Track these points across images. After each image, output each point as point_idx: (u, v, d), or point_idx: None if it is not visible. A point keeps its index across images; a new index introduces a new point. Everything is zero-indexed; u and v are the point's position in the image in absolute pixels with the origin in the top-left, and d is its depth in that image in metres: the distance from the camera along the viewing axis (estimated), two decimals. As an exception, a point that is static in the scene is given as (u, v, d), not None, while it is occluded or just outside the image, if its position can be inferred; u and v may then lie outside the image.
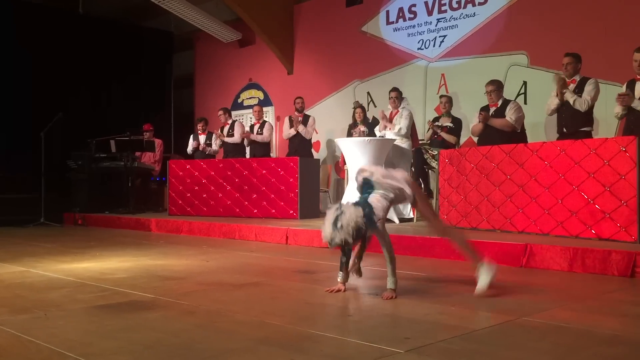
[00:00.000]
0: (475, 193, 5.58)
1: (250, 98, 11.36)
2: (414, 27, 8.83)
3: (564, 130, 5.76)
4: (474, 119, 6.62)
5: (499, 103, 6.40)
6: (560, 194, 4.84)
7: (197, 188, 8.18)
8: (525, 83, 7.54)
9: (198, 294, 3.33)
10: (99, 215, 8.89)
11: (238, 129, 9.17)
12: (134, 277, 3.93)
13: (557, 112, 5.89)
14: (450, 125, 7.17)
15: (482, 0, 8.03)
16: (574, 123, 5.71)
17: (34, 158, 8.78)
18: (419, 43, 8.74)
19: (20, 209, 8.73)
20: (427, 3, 8.68)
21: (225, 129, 9.25)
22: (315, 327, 2.54)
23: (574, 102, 5.62)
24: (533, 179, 5.06)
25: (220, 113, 9.36)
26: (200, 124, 9.66)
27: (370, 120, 8.23)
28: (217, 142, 9.35)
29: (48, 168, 8.71)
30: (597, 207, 4.59)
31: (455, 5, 8.33)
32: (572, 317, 2.76)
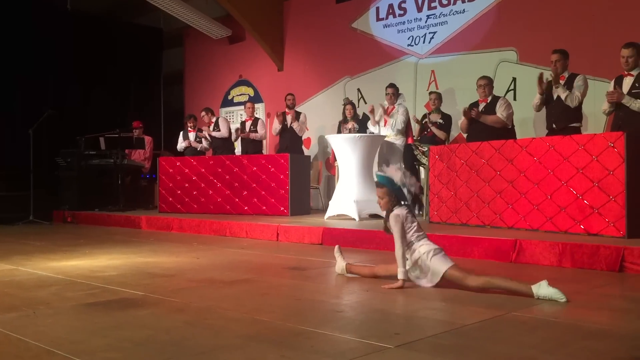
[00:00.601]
0: (465, 189, 5.60)
1: (241, 95, 11.33)
2: (404, 23, 8.83)
3: (554, 126, 5.79)
4: (460, 116, 6.64)
5: (489, 99, 6.42)
6: (550, 190, 4.87)
7: (187, 185, 8.16)
8: (515, 79, 7.57)
9: (188, 291, 3.33)
10: (89, 213, 8.85)
11: (223, 124, 9.17)
12: (124, 274, 3.92)
13: (545, 107, 5.92)
14: (440, 122, 7.19)
15: (471, -3, 8.05)
16: (564, 119, 5.74)
17: (24, 155, 8.70)
18: (409, 39, 8.75)
19: (9, 207, 8.68)
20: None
21: (211, 128, 9.25)
22: (306, 323, 2.55)
23: (566, 97, 5.64)
24: (522, 175, 5.09)
25: (204, 114, 9.34)
26: (190, 121, 9.63)
27: (361, 117, 8.24)
28: (206, 141, 9.32)
29: (37, 165, 8.66)
30: (585, 202, 4.62)
31: (445, 2, 8.34)
32: (560, 311, 2.78)
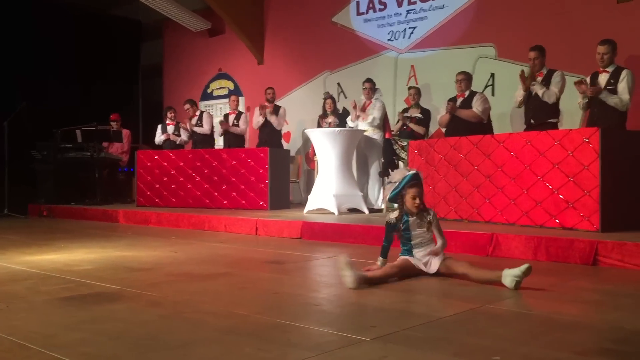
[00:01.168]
0: (444, 183, 5.64)
1: (220, 88, 11.26)
2: (384, 18, 8.85)
3: (532, 122, 5.85)
4: (442, 110, 6.68)
5: (466, 94, 6.47)
6: (526, 185, 4.92)
7: (165, 179, 8.10)
8: (493, 75, 7.63)
9: (165, 285, 3.31)
10: (65, 207, 8.74)
11: (207, 120, 9.06)
12: (100, 268, 3.88)
13: (525, 104, 5.98)
14: (419, 117, 7.23)
15: (451, -8, 8.08)
16: (541, 115, 5.80)
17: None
18: (389, 34, 8.76)
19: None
20: (397, -6, 8.70)
21: (194, 120, 9.11)
22: (283, 316, 2.55)
23: (543, 94, 5.71)
24: (500, 170, 5.14)
25: (188, 106, 9.15)
26: (170, 113, 9.51)
27: (341, 111, 8.23)
28: (185, 133, 9.20)
29: (12, 158, 8.53)
30: (561, 197, 4.68)
31: (425, -3, 8.36)
32: (534, 304, 2.82)
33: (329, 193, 6.62)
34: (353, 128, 7.45)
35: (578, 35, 6.73)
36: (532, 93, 5.85)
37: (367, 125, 7.48)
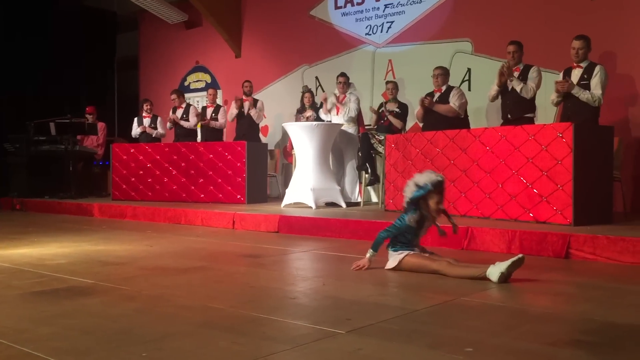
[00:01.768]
0: (420, 177, 5.66)
1: (197, 81, 11.16)
2: (362, 12, 8.84)
3: (509, 117, 5.90)
4: (419, 105, 6.71)
5: (443, 89, 6.51)
6: (501, 179, 4.98)
7: (141, 172, 8.01)
8: (470, 70, 7.68)
9: (140, 279, 3.28)
10: (39, 200, 8.61)
11: (193, 114, 8.90)
12: (74, 262, 3.83)
13: (501, 98, 6.03)
14: (397, 111, 7.26)
15: (428, -13, 8.11)
16: (518, 110, 5.85)
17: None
18: (367, 28, 8.77)
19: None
20: (374, -12, 8.70)
21: (179, 112, 8.96)
22: (259, 310, 2.55)
23: (521, 89, 5.75)
24: (475, 164, 5.18)
25: (174, 97, 8.95)
26: (146, 105, 9.39)
27: (319, 105, 8.23)
28: (168, 124, 9.02)
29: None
30: (535, 191, 4.74)
31: (403, -9, 8.38)
32: (508, 296, 2.86)
33: (307, 187, 6.62)
34: (329, 122, 7.46)
35: (554, 31, 6.81)
36: (508, 88, 5.90)
37: (342, 119, 7.49)
